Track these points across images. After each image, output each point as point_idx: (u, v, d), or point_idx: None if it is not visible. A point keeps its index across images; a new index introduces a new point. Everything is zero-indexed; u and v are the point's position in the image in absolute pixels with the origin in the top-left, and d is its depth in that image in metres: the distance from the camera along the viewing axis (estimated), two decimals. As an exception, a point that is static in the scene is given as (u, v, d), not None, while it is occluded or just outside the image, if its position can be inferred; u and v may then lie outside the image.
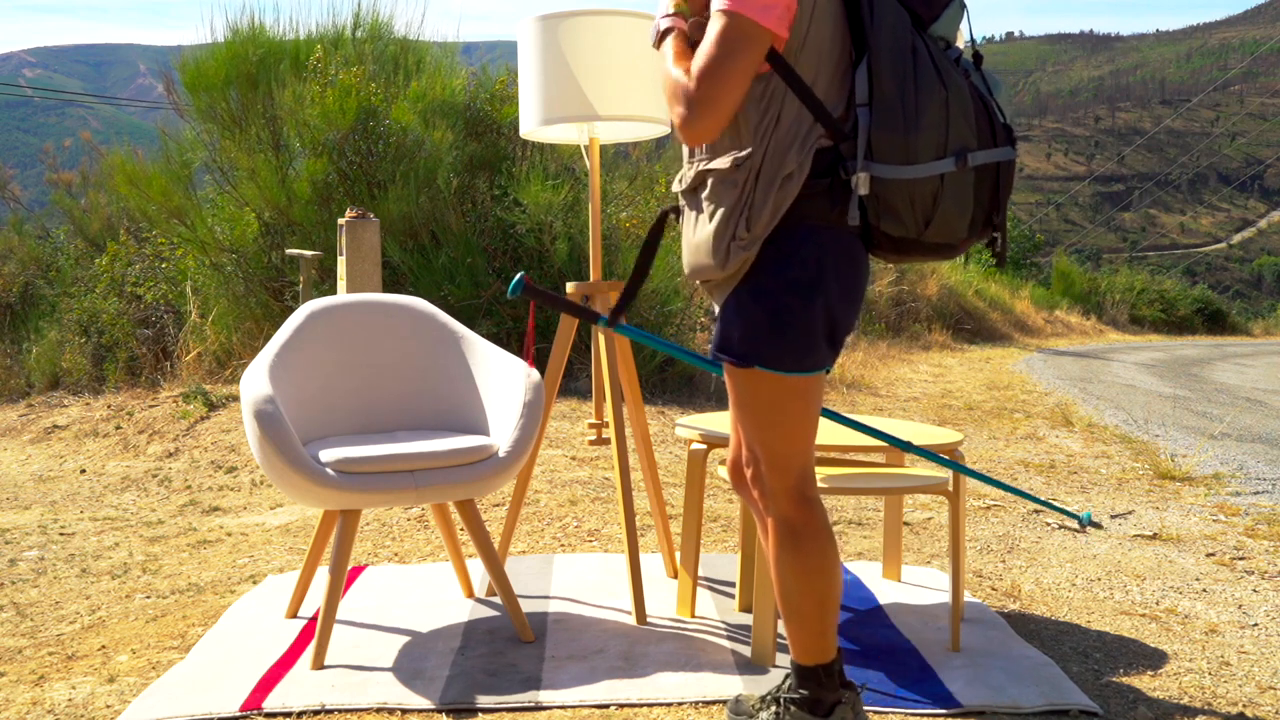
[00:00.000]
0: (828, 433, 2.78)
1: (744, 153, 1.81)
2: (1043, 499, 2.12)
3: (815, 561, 1.90)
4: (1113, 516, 4.19)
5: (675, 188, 1.98)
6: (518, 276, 2.32)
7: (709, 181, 1.87)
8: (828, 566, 1.90)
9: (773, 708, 2.02)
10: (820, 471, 2.57)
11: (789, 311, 1.80)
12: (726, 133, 1.85)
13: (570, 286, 2.92)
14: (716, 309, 1.92)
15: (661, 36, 1.90)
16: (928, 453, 2.33)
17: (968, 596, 2.99)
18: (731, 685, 2.30)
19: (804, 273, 1.80)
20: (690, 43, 1.86)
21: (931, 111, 1.74)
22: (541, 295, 2.38)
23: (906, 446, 2.31)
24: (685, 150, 1.95)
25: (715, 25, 1.75)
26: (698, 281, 1.93)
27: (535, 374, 2.72)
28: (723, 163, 1.83)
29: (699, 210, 1.90)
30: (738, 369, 1.88)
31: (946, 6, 1.80)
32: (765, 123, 1.80)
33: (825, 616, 1.91)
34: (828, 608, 1.91)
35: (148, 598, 3.14)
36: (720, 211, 1.84)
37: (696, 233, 1.90)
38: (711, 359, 1.94)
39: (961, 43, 1.85)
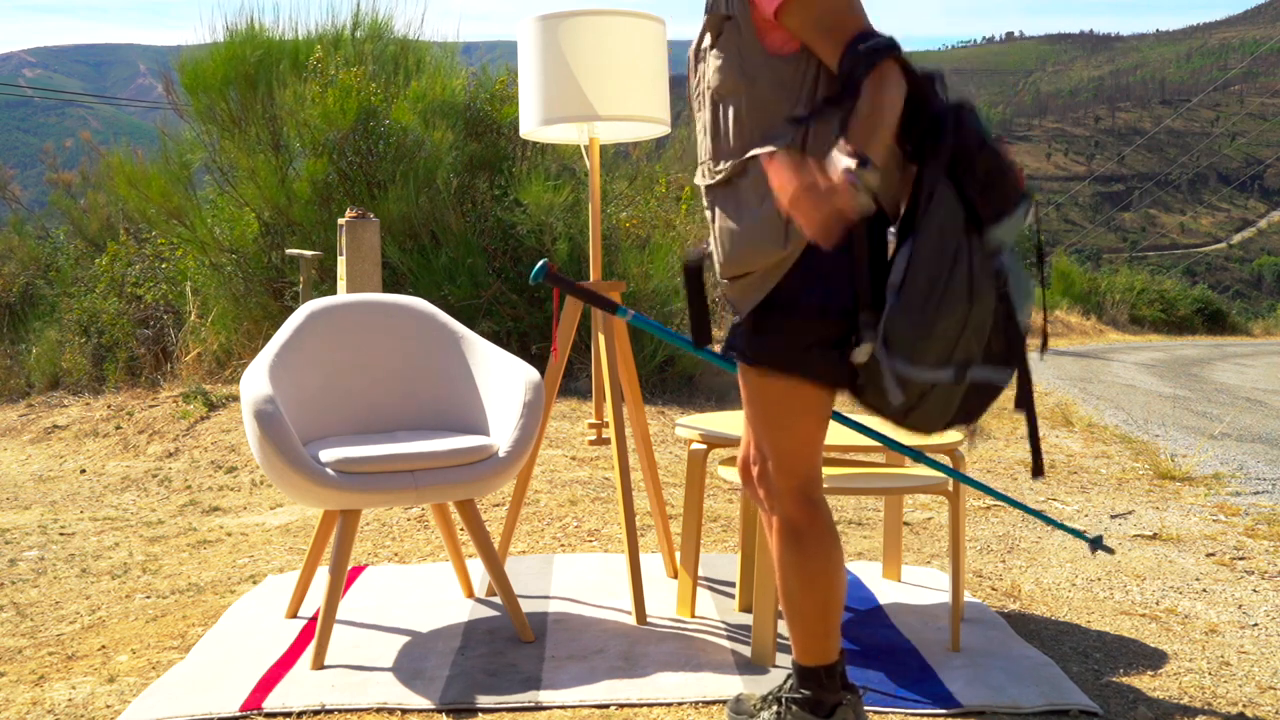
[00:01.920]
0: (829, 433, 2.78)
1: (788, 138, 1.76)
2: (1053, 519, 2.11)
3: (818, 564, 1.90)
4: (1113, 516, 4.19)
5: (700, 181, 1.90)
6: (541, 263, 2.31)
7: (751, 170, 1.80)
8: (830, 569, 1.90)
9: (774, 707, 2.02)
10: (824, 471, 2.56)
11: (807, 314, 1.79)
12: (760, 123, 1.79)
13: (570, 286, 2.92)
14: (735, 308, 1.88)
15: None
16: (935, 463, 2.32)
17: (968, 596, 2.99)
18: (731, 685, 2.30)
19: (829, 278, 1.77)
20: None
21: (948, 325, 1.69)
22: (563, 282, 2.37)
23: (914, 454, 2.30)
24: (708, 146, 1.88)
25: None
26: (725, 280, 1.87)
27: (535, 374, 2.72)
28: (766, 150, 1.76)
29: (738, 202, 1.82)
30: (751, 367, 1.86)
31: (1010, 214, 1.71)
32: (804, 105, 1.77)
33: (828, 618, 1.91)
34: (830, 609, 1.91)
35: (148, 598, 3.14)
36: (772, 192, 1.75)
37: (742, 222, 1.81)
38: (724, 356, 1.93)
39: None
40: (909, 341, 1.68)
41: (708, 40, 1.86)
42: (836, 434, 2.76)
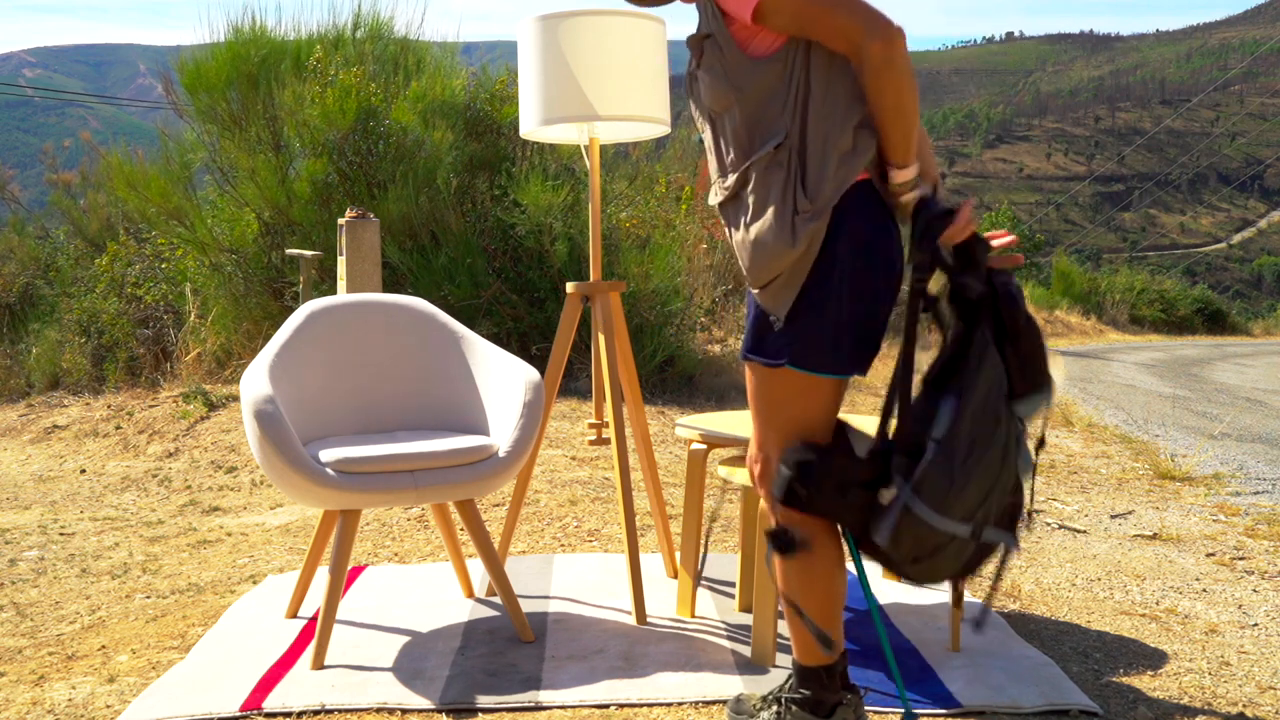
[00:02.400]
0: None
1: (781, 136, 1.77)
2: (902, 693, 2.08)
3: (818, 565, 1.89)
4: (1113, 516, 4.19)
5: (713, 200, 1.93)
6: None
7: (752, 176, 1.82)
8: (830, 570, 1.90)
9: (774, 707, 2.02)
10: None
11: (829, 309, 1.79)
12: (756, 129, 1.81)
13: (570, 286, 2.92)
14: (773, 314, 1.85)
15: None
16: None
17: (968, 596, 2.99)
18: (731, 685, 2.30)
19: (845, 269, 1.78)
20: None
21: (981, 483, 1.73)
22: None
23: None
24: (715, 165, 1.91)
25: None
26: (756, 290, 1.86)
27: (535, 374, 2.72)
28: (762, 153, 1.79)
29: (745, 210, 1.84)
30: (763, 367, 1.86)
31: (1039, 392, 1.79)
32: (793, 100, 1.77)
33: (828, 618, 1.91)
34: (830, 610, 1.91)
35: (148, 598, 3.14)
36: (773, 192, 1.78)
37: (751, 228, 1.82)
38: (743, 357, 1.91)
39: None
40: (942, 492, 1.72)
41: (694, 63, 1.89)
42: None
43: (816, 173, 1.76)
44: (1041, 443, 1.89)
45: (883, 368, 8.10)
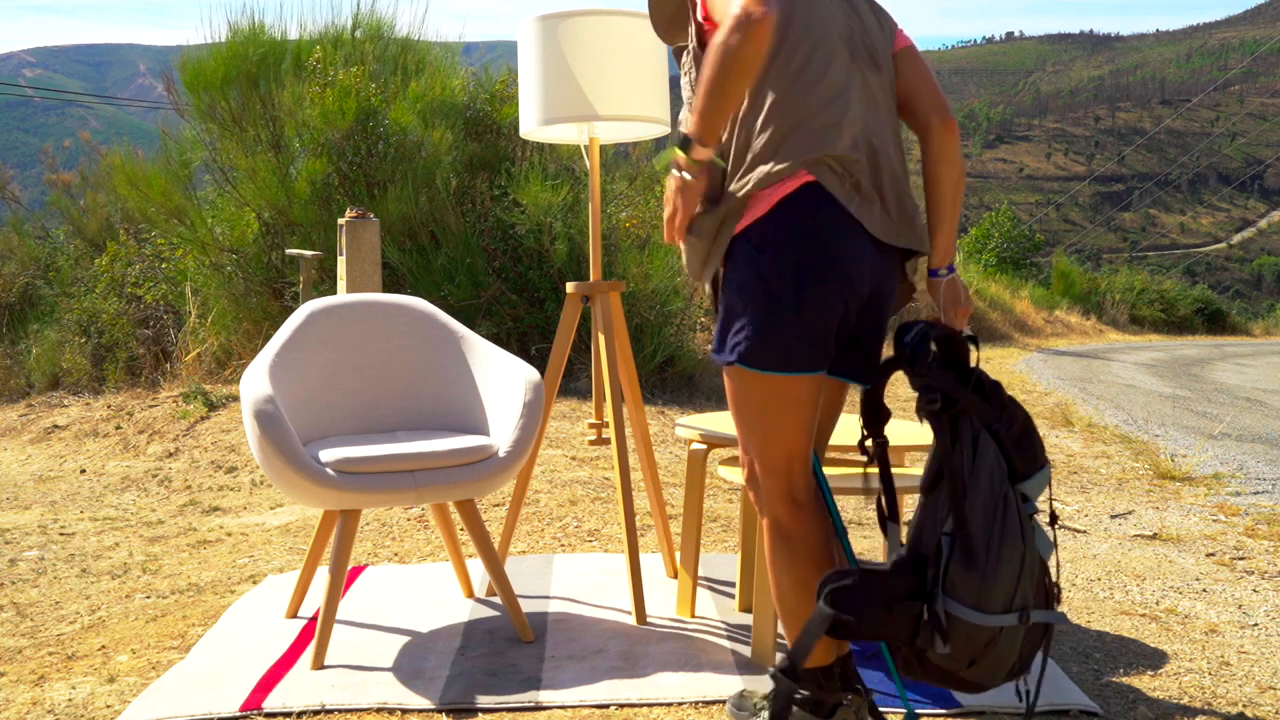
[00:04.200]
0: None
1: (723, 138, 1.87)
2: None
3: (807, 567, 1.88)
4: (1113, 516, 4.19)
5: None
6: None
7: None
8: (821, 572, 1.87)
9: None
10: (825, 471, 2.56)
11: (773, 308, 1.80)
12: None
13: (570, 286, 2.92)
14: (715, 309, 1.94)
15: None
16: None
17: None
18: (731, 685, 2.30)
19: (787, 268, 1.79)
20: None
21: (1010, 568, 1.72)
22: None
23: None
24: None
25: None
26: (705, 286, 1.94)
27: (535, 374, 2.72)
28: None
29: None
30: (727, 368, 1.88)
31: (1039, 472, 1.80)
32: (742, 113, 1.85)
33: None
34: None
35: (148, 598, 3.14)
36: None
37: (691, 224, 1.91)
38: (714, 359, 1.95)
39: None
40: (974, 587, 1.69)
41: (680, 71, 1.97)
42: (838, 434, 2.76)
43: (733, 172, 1.84)
44: (1054, 518, 1.89)
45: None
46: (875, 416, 1.90)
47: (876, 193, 1.84)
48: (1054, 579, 1.87)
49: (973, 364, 1.85)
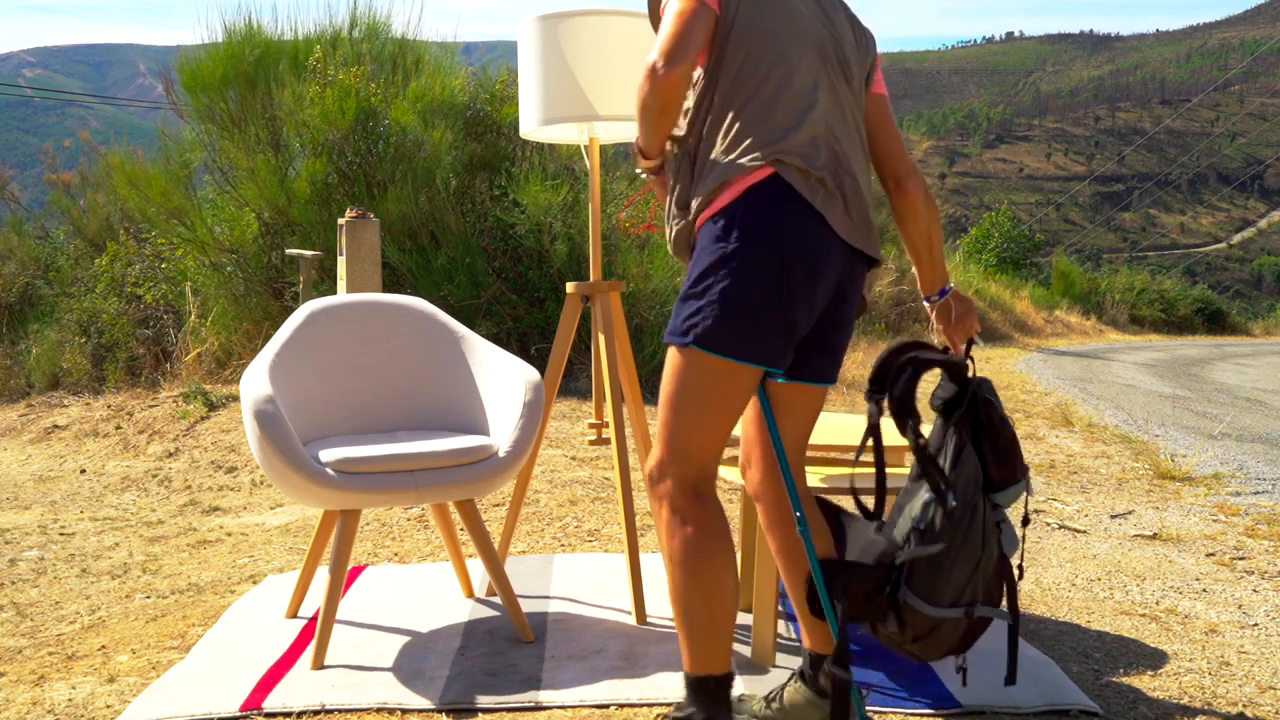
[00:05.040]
0: (828, 433, 2.78)
1: (683, 132, 1.94)
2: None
3: (702, 562, 1.85)
4: (1113, 516, 4.19)
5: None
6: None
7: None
8: (717, 568, 1.85)
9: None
10: (821, 471, 2.57)
11: (733, 292, 1.82)
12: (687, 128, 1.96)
13: (570, 286, 2.92)
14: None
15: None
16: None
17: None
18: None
19: (749, 256, 1.81)
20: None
21: (963, 570, 1.85)
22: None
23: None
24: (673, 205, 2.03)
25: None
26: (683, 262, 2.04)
27: (535, 374, 2.72)
28: (673, 148, 1.98)
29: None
30: (675, 348, 1.88)
31: (1015, 484, 1.91)
32: (695, 106, 1.92)
33: (715, 622, 1.85)
34: (717, 612, 1.85)
35: (148, 598, 3.14)
36: (674, 178, 1.98)
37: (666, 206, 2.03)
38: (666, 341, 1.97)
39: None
40: (929, 582, 1.84)
41: None
42: (837, 434, 2.76)
43: (700, 166, 1.91)
44: (1025, 519, 2.01)
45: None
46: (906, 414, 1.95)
47: (840, 193, 1.88)
48: (1017, 572, 1.94)
49: (970, 375, 1.94)
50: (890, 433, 2.69)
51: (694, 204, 1.90)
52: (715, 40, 1.90)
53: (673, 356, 1.90)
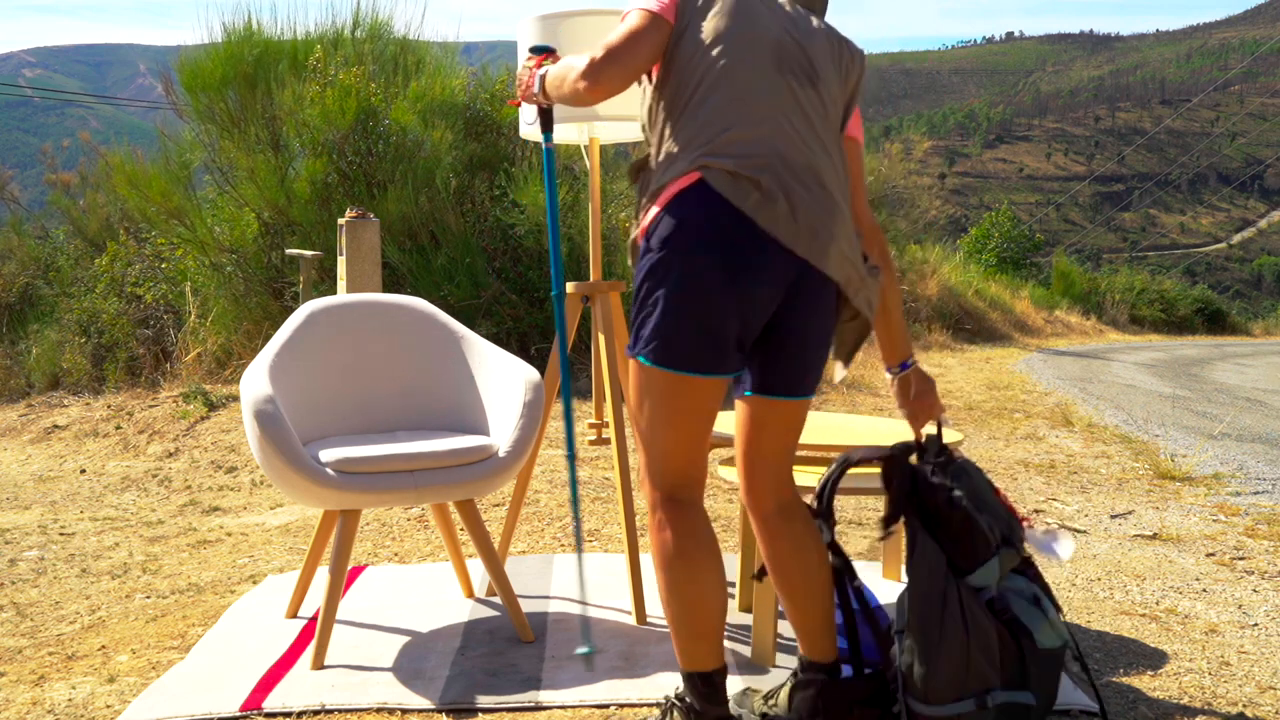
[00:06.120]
0: (828, 433, 2.78)
1: (645, 140, 1.97)
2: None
3: (680, 568, 1.86)
4: (1113, 516, 4.19)
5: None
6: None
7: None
8: (696, 574, 1.85)
9: (662, 707, 2.03)
10: (818, 471, 2.57)
11: (662, 302, 1.82)
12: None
13: (570, 286, 2.92)
14: None
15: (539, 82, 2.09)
16: None
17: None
18: (732, 685, 2.30)
19: (674, 265, 1.81)
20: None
21: (951, 660, 1.81)
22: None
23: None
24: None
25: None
26: None
27: (535, 374, 2.72)
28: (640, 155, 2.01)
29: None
30: (638, 361, 1.90)
31: (983, 563, 1.87)
32: (648, 114, 1.94)
33: (694, 622, 1.86)
34: (698, 616, 1.86)
35: (148, 598, 3.14)
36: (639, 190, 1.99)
37: None
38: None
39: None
40: (920, 681, 1.81)
41: None
42: (837, 434, 2.76)
43: (655, 173, 1.91)
44: (1056, 608, 1.93)
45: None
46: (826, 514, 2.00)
47: (784, 198, 1.81)
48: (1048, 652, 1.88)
49: (928, 460, 1.95)
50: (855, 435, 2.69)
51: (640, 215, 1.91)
52: (666, 51, 1.90)
53: (631, 368, 1.92)
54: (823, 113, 1.90)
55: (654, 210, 1.85)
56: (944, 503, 1.88)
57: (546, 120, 2.35)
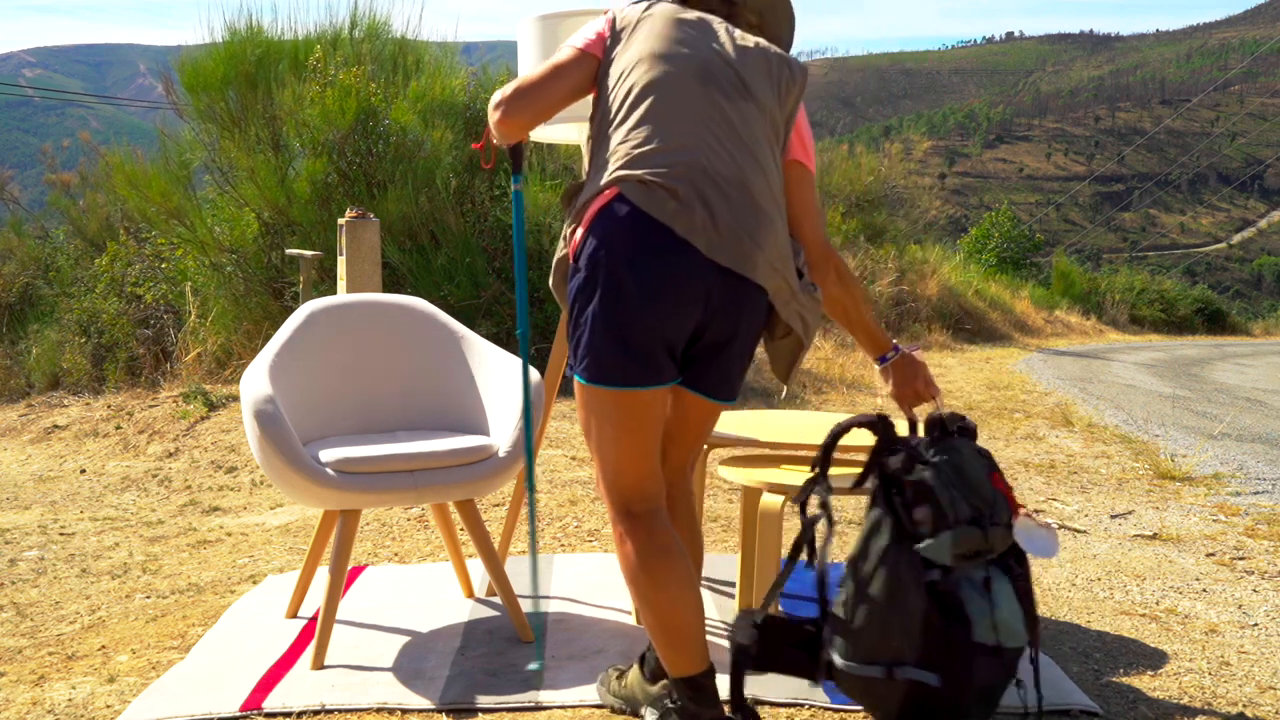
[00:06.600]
0: (822, 433, 2.78)
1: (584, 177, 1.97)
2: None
3: (645, 581, 1.87)
4: (1113, 516, 4.19)
5: None
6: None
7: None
8: (662, 583, 1.86)
9: (659, 712, 2.02)
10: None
11: (590, 320, 1.84)
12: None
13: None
14: None
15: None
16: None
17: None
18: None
19: (597, 281, 1.82)
20: None
21: (872, 616, 1.83)
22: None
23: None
24: None
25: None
26: None
27: (535, 374, 2.73)
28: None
29: None
30: (575, 380, 1.93)
31: (935, 536, 1.83)
32: (587, 152, 1.96)
33: (671, 631, 1.87)
34: (672, 623, 1.87)
35: (148, 598, 3.14)
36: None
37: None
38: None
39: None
40: (841, 636, 1.86)
41: None
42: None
43: (581, 195, 1.93)
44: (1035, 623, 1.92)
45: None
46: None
47: (702, 205, 1.81)
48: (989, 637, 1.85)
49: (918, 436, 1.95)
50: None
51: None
52: (596, 83, 1.95)
53: (574, 387, 1.95)
54: (755, 127, 1.90)
55: (579, 231, 1.88)
56: (904, 469, 1.89)
57: (516, 160, 2.23)
